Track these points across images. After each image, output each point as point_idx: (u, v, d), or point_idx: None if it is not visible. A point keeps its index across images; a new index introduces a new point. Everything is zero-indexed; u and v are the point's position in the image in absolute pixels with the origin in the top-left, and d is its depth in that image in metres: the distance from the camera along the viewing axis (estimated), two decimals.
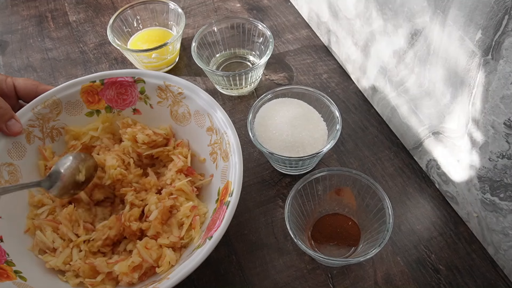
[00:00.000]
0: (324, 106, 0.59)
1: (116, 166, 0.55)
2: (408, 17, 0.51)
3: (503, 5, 0.37)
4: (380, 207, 0.50)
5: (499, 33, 0.39)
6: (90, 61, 0.77)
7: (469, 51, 0.44)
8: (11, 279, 0.46)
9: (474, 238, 0.55)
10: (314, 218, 0.55)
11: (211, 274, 0.54)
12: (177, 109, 0.59)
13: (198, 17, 0.82)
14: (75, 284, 0.49)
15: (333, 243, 0.53)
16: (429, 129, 0.56)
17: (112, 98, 0.60)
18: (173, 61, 0.75)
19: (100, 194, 0.56)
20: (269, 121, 0.58)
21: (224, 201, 0.49)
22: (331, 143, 0.55)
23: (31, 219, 0.53)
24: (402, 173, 0.61)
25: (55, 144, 0.58)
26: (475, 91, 0.45)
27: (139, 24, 0.76)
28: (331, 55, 0.75)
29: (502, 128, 0.43)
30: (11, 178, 0.53)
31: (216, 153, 0.56)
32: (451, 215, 0.57)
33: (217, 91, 0.71)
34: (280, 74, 0.73)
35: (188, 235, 0.52)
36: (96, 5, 0.86)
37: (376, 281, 0.52)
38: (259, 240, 0.56)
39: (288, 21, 0.80)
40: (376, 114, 0.67)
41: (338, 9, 0.67)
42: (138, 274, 0.49)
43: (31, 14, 0.86)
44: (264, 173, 0.62)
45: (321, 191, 0.54)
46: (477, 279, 0.52)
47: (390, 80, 0.60)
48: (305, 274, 0.53)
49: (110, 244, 0.53)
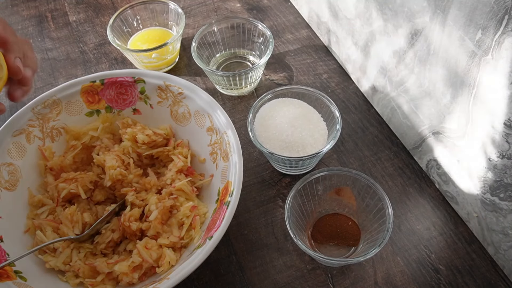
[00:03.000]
0: (324, 106, 0.59)
1: (116, 166, 0.55)
2: (408, 17, 0.51)
3: (503, 5, 0.37)
4: (380, 207, 0.50)
5: (499, 33, 0.39)
6: (90, 61, 0.77)
7: (469, 51, 0.44)
8: (11, 279, 0.46)
9: (474, 238, 0.55)
10: (314, 218, 0.55)
11: (211, 274, 0.54)
12: (177, 109, 0.59)
13: (198, 17, 0.82)
14: (75, 284, 0.49)
15: (333, 243, 0.53)
16: (429, 129, 0.56)
17: (112, 98, 0.60)
18: (173, 61, 0.75)
19: (101, 195, 0.56)
20: (269, 121, 0.58)
21: (224, 201, 0.49)
22: (331, 143, 0.55)
23: (31, 219, 0.53)
24: (402, 173, 0.61)
25: (55, 144, 0.58)
26: (475, 91, 0.45)
27: (139, 24, 0.76)
28: (331, 55, 0.75)
29: (502, 128, 0.43)
30: (11, 178, 0.53)
31: (216, 153, 0.56)
32: (451, 215, 0.57)
33: (217, 91, 0.71)
34: (280, 74, 0.73)
35: (188, 235, 0.52)
36: (96, 5, 0.86)
37: (376, 281, 0.52)
38: (259, 240, 0.56)
39: (288, 21, 0.80)
40: (376, 114, 0.67)
41: (338, 9, 0.67)
42: (138, 274, 0.49)
43: (31, 14, 0.86)
44: (264, 173, 0.62)
45: (321, 191, 0.54)
46: (477, 279, 0.52)
47: (390, 80, 0.60)
48: (305, 274, 0.53)
49: (113, 245, 0.53)
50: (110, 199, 0.57)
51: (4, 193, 0.52)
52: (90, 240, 0.53)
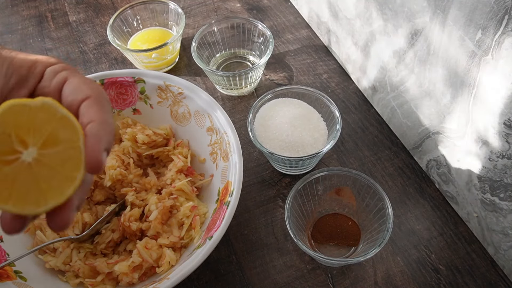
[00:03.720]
0: (324, 106, 0.59)
1: (116, 166, 0.55)
2: (408, 17, 0.51)
3: (503, 5, 0.37)
4: (380, 207, 0.50)
5: (499, 33, 0.39)
6: (90, 61, 0.77)
7: (469, 51, 0.44)
8: (11, 279, 0.46)
9: (474, 238, 0.55)
10: (314, 218, 0.55)
11: (211, 274, 0.54)
12: (177, 109, 0.59)
13: (198, 17, 0.82)
14: (75, 284, 0.49)
15: (333, 243, 0.53)
16: (429, 129, 0.56)
17: (112, 98, 0.60)
18: (173, 61, 0.75)
19: (101, 195, 0.56)
20: (269, 121, 0.58)
21: (224, 201, 0.49)
22: (331, 143, 0.55)
23: None
24: (402, 173, 0.61)
25: None
26: (475, 91, 0.45)
27: (139, 24, 0.76)
28: (331, 55, 0.75)
29: (502, 128, 0.43)
30: None
31: (216, 153, 0.56)
32: (451, 215, 0.57)
33: (217, 91, 0.71)
34: (280, 74, 0.73)
35: (188, 235, 0.52)
36: (96, 5, 0.86)
37: (376, 281, 0.52)
38: (259, 240, 0.56)
39: (288, 21, 0.80)
40: (376, 114, 0.67)
41: (338, 9, 0.67)
42: (138, 274, 0.49)
43: (31, 14, 0.86)
44: (264, 173, 0.62)
45: (321, 191, 0.54)
46: (477, 279, 0.52)
47: (390, 80, 0.60)
48: (305, 274, 0.53)
49: (113, 246, 0.53)
50: (110, 199, 0.57)
51: None
52: (90, 240, 0.53)
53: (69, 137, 0.26)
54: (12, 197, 0.24)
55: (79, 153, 0.26)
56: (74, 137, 0.26)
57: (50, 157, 0.25)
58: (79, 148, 0.26)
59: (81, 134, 0.26)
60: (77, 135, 0.26)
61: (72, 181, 0.26)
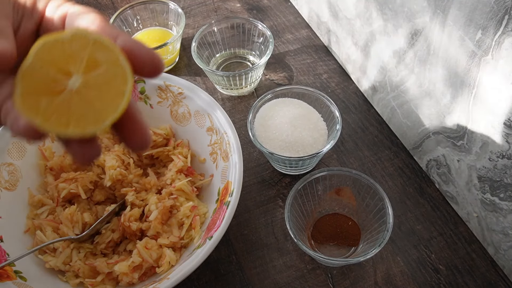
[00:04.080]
0: (324, 106, 0.59)
1: (116, 166, 0.55)
2: (408, 17, 0.51)
3: (503, 5, 0.37)
4: (380, 207, 0.50)
5: (499, 33, 0.39)
6: None
7: (469, 51, 0.44)
8: (11, 279, 0.46)
9: (474, 238, 0.55)
10: (314, 218, 0.55)
11: (211, 274, 0.54)
12: (177, 109, 0.59)
13: (198, 17, 0.82)
14: (75, 284, 0.49)
15: (333, 243, 0.53)
16: (429, 129, 0.56)
17: None
18: (173, 61, 0.75)
19: (101, 195, 0.56)
20: (269, 121, 0.58)
21: (224, 201, 0.49)
22: (331, 143, 0.55)
23: (31, 219, 0.53)
24: (402, 173, 0.61)
25: (55, 144, 0.58)
26: (475, 91, 0.45)
27: (139, 24, 0.76)
28: (331, 55, 0.75)
29: (502, 128, 0.43)
30: (11, 178, 0.53)
31: (216, 153, 0.56)
32: (451, 215, 0.57)
33: (217, 91, 0.71)
34: (280, 74, 0.73)
35: (188, 235, 0.52)
36: (96, 5, 0.86)
37: (376, 281, 0.52)
38: (259, 240, 0.56)
39: (288, 21, 0.80)
40: (376, 114, 0.67)
41: (338, 9, 0.67)
42: (138, 274, 0.49)
43: None
44: (264, 173, 0.62)
45: (321, 191, 0.54)
46: (477, 279, 0.52)
47: (390, 80, 0.60)
48: (305, 274, 0.53)
49: (113, 246, 0.53)
50: (110, 199, 0.57)
51: (4, 193, 0.52)
52: (90, 240, 0.53)
53: (107, 57, 0.26)
54: (71, 122, 0.25)
55: (122, 68, 0.26)
56: (112, 56, 0.26)
57: (96, 79, 0.26)
58: (120, 64, 0.26)
59: (118, 50, 0.26)
60: (115, 53, 0.26)
61: (122, 95, 0.26)
